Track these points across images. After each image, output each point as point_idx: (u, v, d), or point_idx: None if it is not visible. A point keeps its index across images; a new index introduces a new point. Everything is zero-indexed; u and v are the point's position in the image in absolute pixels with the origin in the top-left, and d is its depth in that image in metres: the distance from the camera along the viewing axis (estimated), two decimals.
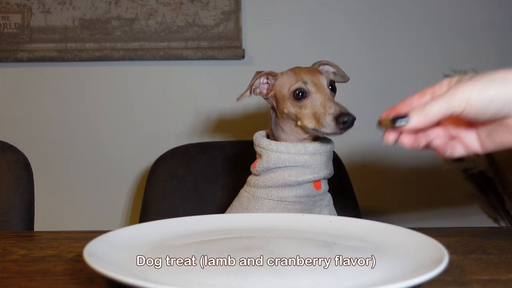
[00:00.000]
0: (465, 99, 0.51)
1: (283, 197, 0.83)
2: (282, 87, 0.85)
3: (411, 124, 0.54)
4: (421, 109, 0.53)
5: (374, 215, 1.62)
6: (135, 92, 1.65)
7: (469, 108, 0.51)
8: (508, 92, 0.50)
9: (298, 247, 0.62)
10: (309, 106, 0.81)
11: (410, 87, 1.66)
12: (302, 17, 1.64)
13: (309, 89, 0.81)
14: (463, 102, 0.51)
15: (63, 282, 0.51)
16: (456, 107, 0.52)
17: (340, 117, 0.77)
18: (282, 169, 0.83)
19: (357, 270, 0.51)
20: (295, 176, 0.82)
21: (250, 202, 0.85)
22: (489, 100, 0.50)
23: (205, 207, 1.26)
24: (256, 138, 0.89)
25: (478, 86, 0.51)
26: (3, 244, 0.68)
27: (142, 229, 0.66)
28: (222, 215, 0.74)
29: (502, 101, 0.50)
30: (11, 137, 1.24)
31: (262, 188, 0.84)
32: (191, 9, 1.60)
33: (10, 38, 1.60)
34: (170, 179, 1.28)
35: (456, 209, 1.66)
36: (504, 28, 1.64)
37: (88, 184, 1.65)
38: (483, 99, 0.51)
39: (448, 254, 0.50)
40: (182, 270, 0.52)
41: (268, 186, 0.84)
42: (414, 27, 1.64)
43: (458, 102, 0.51)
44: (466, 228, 0.76)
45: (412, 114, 0.54)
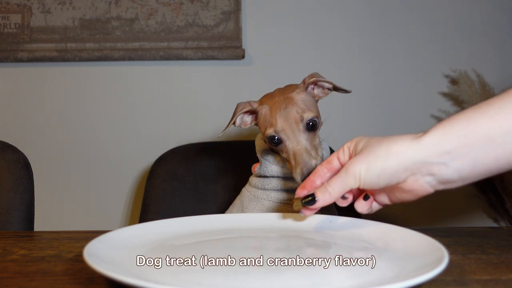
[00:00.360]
0: (357, 177, 0.57)
1: (282, 199, 0.84)
2: (260, 125, 0.81)
3: (319, 204, 0.61)
4: (324, 189, 0.60)
5: (374, 215, 1.62)
6: (135, 92, 1.65)
7: (362, 183, 0.57)
8: (391, 165, 0.55)
9: (298, 247, 0.62)
10: (284, 152, 0.77)
11: (410, 87, 1.66)
12: (302, 17, 1.64)
13: (282, 137, 0.76)
14: (356, 179, 0.57)
15: (63, 282, 0.51)
16: (352, 184, 0.58)
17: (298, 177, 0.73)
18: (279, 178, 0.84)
19: (357, 270, 0.51)
20: (292, 183, 0.84)
21: (251, 202, 0.86)
22: (377, 175, 0.56)
23: (205, 207, 1.26)
24: (257, 144, 0.89)
25: (365, 163, 0.56)
26: (3, 244, 0.68)
27: (142, 229, 0.66)
28: (222, 215, 0.74)
29: (389, 174, 0.56)
30: (11, 137, 1.24)
31: (262, 189, 0.85)
32: (191, 9, 1.60)
33: (10, 38, 1.60)
34: (170, 179, 1.28)
35: (456, 209, 1.66)
36: (504, 28, 1.64)
37: (88, 184, 1.65)
38: (372, 175, 0.56)
39: (448, 254, 0.50)
40: (182, 270, 0.52)
41: (267, 189, 0.85)
42: (414, 28, 1.64)
43: (352, 180, 0.57)
44: (466, 228, 0.76)
45: (318, 195, 0.60)
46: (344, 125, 1.65)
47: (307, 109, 0.77)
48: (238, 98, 1.63)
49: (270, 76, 1.65)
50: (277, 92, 0.81)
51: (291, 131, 0.75)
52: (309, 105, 0.78)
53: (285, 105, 0.77)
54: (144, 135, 1.65)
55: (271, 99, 0.80)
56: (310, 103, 0.79)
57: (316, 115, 0.77)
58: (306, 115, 0.76)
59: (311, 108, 0.78)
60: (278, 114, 0.77)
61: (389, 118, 1.65)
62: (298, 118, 0.76)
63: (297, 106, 0.77)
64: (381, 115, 1.65)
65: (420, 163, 0.54)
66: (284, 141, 0.76)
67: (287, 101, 0.78)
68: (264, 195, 0.85)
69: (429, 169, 0.54)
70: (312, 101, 0.80)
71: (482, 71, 1.57)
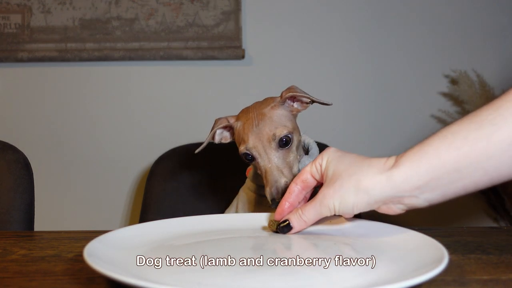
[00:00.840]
0: (331, 209, 0.59)
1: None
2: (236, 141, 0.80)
3: (294, 230, 0.64)
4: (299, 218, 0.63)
5: (374, 215, 1.62)
6: (135, 92, 1.65)
7: (337, 212, 0.60)
8: (362, 201, 0.57)
9: (298, 247, 0.62)
10: (258, 168, 0.77)
11: (410, 87, 1.66)
12: (302, 18, 1.64)
13: (254, 154, 0.75)
14: (331, 211, 0.60)
15: (63, 282, 0.51)
16: (327, 214, 0.60)
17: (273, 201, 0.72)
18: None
19: (357, 270, 0.51)
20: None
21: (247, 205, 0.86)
22: (350, 208, 0.58)
23: (205, 207, 1.26)
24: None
25: (338, 197, 0.58)
26: (3, 244, 0.68)
27: (142, 229, 0.66)
28: (222, 215, 0.74)
29: (361, 207, 0.58)
30: (11, 137, 1.23)
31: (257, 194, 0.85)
32: (191, 9, 1.60)
33: (10, 38, 1.60)
34: (170, 179, 1.28)
35: (456, 209, 1.66)
36: (504, 28, 1.64)
37: (88, 184, 1.65)
38: (345, 207, 0.59)
39: (448, 254, 0.50)
40: (182, 270, 0.52)
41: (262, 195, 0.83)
42: (414, 28, 1.64)
43: (326, 211, 0.60)
44: (466, 228, 0.76)
45: (294, 223, 0.63)
46: (344, 125, 1.65)
47: (280, 126, 0.75)
48: (238, 98, 1.64)
49: (270, 76, 1.65)
50: (253, 107, 0.79)
51: (263, 149, 0.74)
52: (283, 121, 0.76)
53: (257, 122, 0.76)
54: (144, 135, 1.65)
55: (246, 115, 0.78)
56: (286, 118, 0.77)
57: (290, 130, 0.75)
58: (279, 132, 0.74)
59: (286, 124, 0.76)
60: (251, 132, 0.75)
61: (389, 118, 1.65)
62: (270, 136, 0.74)
63: (270, 122, 0.75)
64: (381, 115, 1.65)
65: (391, 197, 0.57)
66: (256, 158, 0.75)
67: (260, 117, 0.76)
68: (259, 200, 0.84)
69: (400, 201, 0.57)
70: (289, 116, 0.79)
71: (482, 71, 1.57)
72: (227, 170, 1.31)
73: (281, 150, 0.75)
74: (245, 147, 0.76)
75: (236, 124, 0.80)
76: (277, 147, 0.75)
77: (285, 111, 0.79)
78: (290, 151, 0.76)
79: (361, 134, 1.65)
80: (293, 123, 0.78)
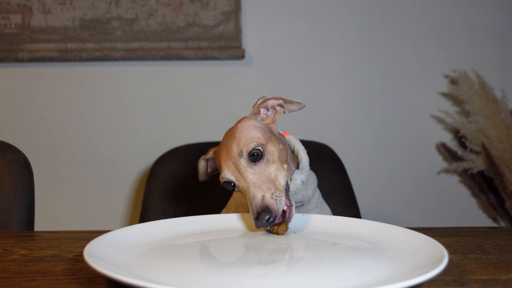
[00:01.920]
0: None
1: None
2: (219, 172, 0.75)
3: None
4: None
5: (374, 215, 1.63)
6: (135, 92, 1.65)
7: None
8: None
9: (297, 247, 0.62)
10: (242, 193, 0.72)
11: (410, 87, 1.66)
12: (302, 18, 1.64)
13: (231, 179, 0.70)
14: None
15: (63, 282, 0.51)
16: None
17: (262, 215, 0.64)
18: None
19: (357, 270, 0.51)
20: None
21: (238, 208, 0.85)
22: None
23: (205, 207, 1.26)
24: None
25: None
26: (4, 244, 0.68)
27: (142, 229, 0.66)
28: (222, 215, 0.74)
29: None
30: (11, 137, 1.24)
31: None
32: (191, 9, 1.60)
33: (10, 38, 1.60)
34: (170, 179, 1.28)
35: (456, 209, 1.66)
36: (504, 29, 1.64)
37: (88, 184, 1.65)
38: None
39: (448, 254, 0.50)
40: (182, 270, 0.52)
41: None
42: (414, 28, 1.64)
43: None
44: (466, 228, 0.76)
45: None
46: (344, 125, 1.65)
47: (247, 140, 0.70)
48: (238, 98, 1.64)
49: (270, 76, 1.65)
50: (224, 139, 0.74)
51: (237, 171, 0.70)
52: (252, 134, 0.71)
53: (226, 145, 0.71)
54: (144, 135, 1.65)
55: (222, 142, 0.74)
56: (256, 130, 0.72)
57: (261, 142, 0.70)
58: (246, 148, 0.69)
59: (254, 136, 0.71)
60: (223, 158, 0.71)
61: (389, 118, 1.65)
62: (238, 153, 0.69)
63: (238, 140, 0.70)
64: (381, 115, 1.65)
65: None
66: (234, 183, 0.70)
67: (228, 140, 0.72)
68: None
69: None
70: (260, 126, 0.73)
71: (482, 71, 1.57)
72: None
73: (256, 166, 0.69)
74: (222, 175, 0.71)
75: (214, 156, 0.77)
76: (249, 163, 0.69)
77: (256, 122, 0.74)
78: (268, 164, 0.70)
79: (361, 134, 1.65)
80: (265, 133, 0.72)
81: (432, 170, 1.67)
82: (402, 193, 1.66)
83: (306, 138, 1.21)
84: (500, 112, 1.49)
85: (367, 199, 1.59)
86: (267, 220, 0.64)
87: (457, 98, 1.60)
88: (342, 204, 1.22)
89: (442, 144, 1.62)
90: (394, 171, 1.65)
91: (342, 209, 1.20)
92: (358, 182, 1.37)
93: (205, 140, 1.58)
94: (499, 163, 1.47)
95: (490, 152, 1.46)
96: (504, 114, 1.50)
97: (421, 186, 1.67)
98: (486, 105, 1.49)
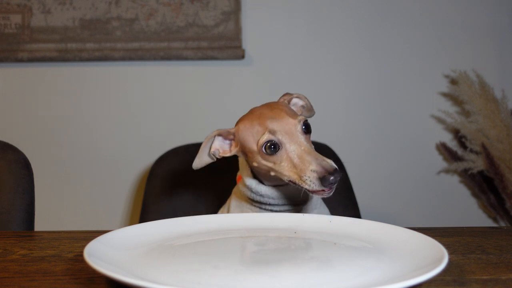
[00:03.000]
0: None
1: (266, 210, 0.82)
2: (247, 141, 0.73)
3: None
4: None
5: (374, 215, 1.62)
6: (135, 92, 1.65)
7: None
8: None
9: (297, 247, 0.62)
10: (285, 159, 0.69)
11: (410, 87, 1.66)
12: (302, 17, 1.64)
13: (280, 139, 0.69)
14: None
15: (63, 282, 0.51)
16: None
17: (326, 178, 0.65)
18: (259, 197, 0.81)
19: (357, 270, 0.51)
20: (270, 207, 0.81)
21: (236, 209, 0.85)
22: None
23: (205, 207, 1.26)
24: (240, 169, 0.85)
25: None
26: (4, 244, 0.68)
27: (142, 229, 0.66)
28: (221, 215, 0.74)
29: None
30: (11, 137, 1.23)
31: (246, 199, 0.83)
32: (191, 9, 1.60)
33: (10, 38, 1.60)
34: (170, 179, 1.28)
35: (456, 209, 1.66)
36: (504, 29, 1.64)
37: (88, 184, 1.65)
38: None
39: (448, 254, 0.50)
40: (182, 270, 0.52)
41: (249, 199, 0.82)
42: (414, 28, 1.64)
43: None
44: (466, 228, 0.76)
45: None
46: (344, 125, 1.65)
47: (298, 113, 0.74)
48: (238, 98, 1.64)
49: (270, 76, 1.65)
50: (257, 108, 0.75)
51: (290, 133, 0.69)
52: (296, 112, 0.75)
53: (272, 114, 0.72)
54: (144, 135, 1.65)
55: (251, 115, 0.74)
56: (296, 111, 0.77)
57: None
58: (300, 118, 0.71)
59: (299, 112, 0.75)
60: (269, 120, 0.71)
61: (389, 118, 1.65)
62: (295, 120, 0.70)
63: (286, 112, 0.72)
64: (381, 115, 1.65)
65: None
66: (283, 144, 0.69)
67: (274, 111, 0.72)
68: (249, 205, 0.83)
69: None
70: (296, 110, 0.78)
71: (482, 71, 1.57)
72: (227, 170, 1.31)
73: (307, 136, 0.71)
74: (269, 131, 0.69)
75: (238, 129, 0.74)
76: (303, 132, 0.70)
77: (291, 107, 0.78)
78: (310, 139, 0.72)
79: (361, 134, 1.65)
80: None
81: (432, 170, 1.67)
82: (402, 193, 1.66)
83: None
84: (500, 112, 1.49)
85: (367, 199, 1.59)
86: (336, 179, 0.65)
87: (457, 98, 1.60)
88: (342, 204, 1.22)
89: (442, 144, 1.62)
90: (394, 171, 1.65)
91: (342, 209, 1.20)
92: (358, 182, 1.37)
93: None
94: (499, 163, 1.47)
95: (490, 152, 1.46)
96: (504, 114, 1.50)
97: (421, 186, 1.66)
98: (486, 105, 1.49)
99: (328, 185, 0.66)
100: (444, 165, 1.66)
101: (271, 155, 0.70)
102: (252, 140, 0.72)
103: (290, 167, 0.69)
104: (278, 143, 0.70)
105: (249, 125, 0.73)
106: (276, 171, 0.71)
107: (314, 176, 0.66)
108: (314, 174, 0.66)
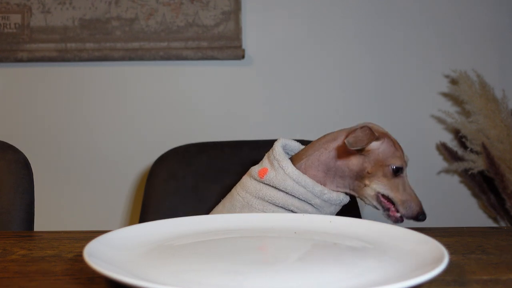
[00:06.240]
0: None
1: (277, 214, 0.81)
2: (383, 154, 0.82)
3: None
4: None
5: (374, 215, 1.62)
6: (135, 92, 1.65)
7: None
8: None
9: (298, 247, 0.62)
10: (400, 185, 0.82)
11: (410, 87, 1.66)
12: (302, 17, 1.64)
13: (404, 168, 0.83)
14: None
15: (63, 282, 0.51)
16: None
17: (420, 216, 0.82)
18: (288, 195, 0.82)
19: (357, 270, 0.51)
20: (296, 208, 0.81)
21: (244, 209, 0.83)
22: None
23: (205, 207, 1.26)
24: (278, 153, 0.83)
25: None
26: (3, 244, 0.68)
27: (142, 229, 0.66)
28: (221, 215, 0.74)
29: None
30: (11, 137, 1.23)
31: (260, 199, 0.82)
32: (191, 9, 1.60)
33: (10, 38, 1.60)
34: (170, 179, 1.28)
35: (456, 209, 1.66)
36: (504, 29, 1.64)
37: (88, 184, 1.65)
38: None
39: (448, 254, 0.50)
40: (182, 270, 0.52)
41: (267, 201, 0.82)
42: (414, 28, 1.64)
43: None
44: (466, 228, 0.76)
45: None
46: (344, 125, 1.65)
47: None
48: (238, 98, 1.64)
49: (270, 76, 1.65)
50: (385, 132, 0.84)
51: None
52: None
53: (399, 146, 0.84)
54: (144, 135, 1.65)
55: (385, 134, 0.83)
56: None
57: None
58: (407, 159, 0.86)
59: None
60: (400, 147, 0.83)
61: (389, 118, 1.65)
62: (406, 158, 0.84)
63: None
64: (381, 115, 1.65)
65: None
66: (402, 174, 0.82)
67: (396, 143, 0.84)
68: (260, 206, 0.82)
69: None
70: None
71: (482, 71, 1.57)
72: (227, 170, 1.31)
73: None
74: (404, 161, 0.82)
75: (383, 140, 0.83)
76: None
77: None
78: None
79: None
80: None
81: (432, 170, 1.67)
82: None
83: (307, 138, 1.21)
84: (500, 112, 1.49)
85: None
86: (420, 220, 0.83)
87: (457, 98, 1.60)
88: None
89: (442, 144, 1.62)
90: None
91: (342, 209, 1.20)
92: None
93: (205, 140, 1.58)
94: (500, 163, 1.47)
95: (491, 152, 1.46)
96: (504, 114, 1.50)
97: (421, 186, 1.66)
98: (487, 105, 1.49)
99: (413, 218, 0.82)
100: (444, 165, 1.66)
101: (393, 177, 0.82)
102: (389, 156, 0.82)
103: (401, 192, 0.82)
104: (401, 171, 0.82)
105: (388, 144, 0.82)
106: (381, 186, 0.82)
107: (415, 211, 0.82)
108: (416, 209, 0.82)
